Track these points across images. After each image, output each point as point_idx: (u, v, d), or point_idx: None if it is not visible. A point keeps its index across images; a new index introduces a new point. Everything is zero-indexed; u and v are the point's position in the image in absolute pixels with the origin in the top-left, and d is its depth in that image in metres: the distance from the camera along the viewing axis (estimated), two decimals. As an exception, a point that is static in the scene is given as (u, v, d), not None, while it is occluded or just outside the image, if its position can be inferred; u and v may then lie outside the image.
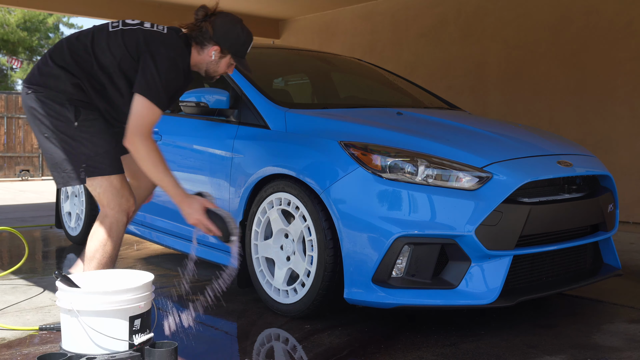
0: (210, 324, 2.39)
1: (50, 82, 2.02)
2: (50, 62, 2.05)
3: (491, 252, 2.13)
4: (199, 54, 2.13)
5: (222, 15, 2.14)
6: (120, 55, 2.03)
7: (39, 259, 3.71)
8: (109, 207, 2.06)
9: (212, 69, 2.17)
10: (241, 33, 2.15)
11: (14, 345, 2.12)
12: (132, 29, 2.07)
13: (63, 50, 2.06)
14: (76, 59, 2.03)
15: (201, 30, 2.10)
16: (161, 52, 1.99)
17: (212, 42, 2.11)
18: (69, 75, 2.02)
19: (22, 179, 12.39)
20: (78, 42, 2.07)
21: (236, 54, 2.15)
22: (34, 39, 24.14)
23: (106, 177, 2.03)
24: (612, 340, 2.19)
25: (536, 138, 2.66)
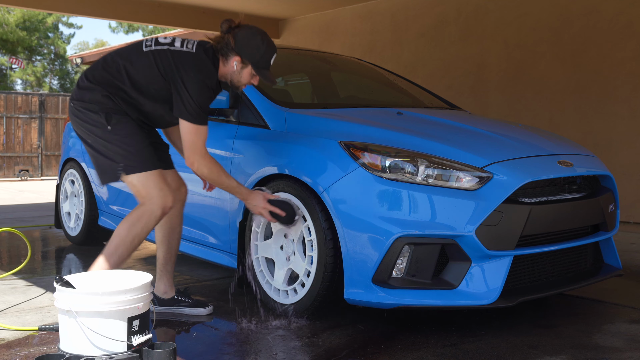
0: (210, 324, 2.39)
1: (86, 95, 2.21)
2: (85, 79, 2.24)
3: (491, 252, 2.13)
4: (224, 65, 2.24)
5: (244, 27, 2.24)
6: (151, 75, 2.18)
7: (38, 260, 3.70)
8: (146, 200, 2.17)
9: (236, 80, 2.27)
10: (261, 44, 2.22)
11: (13, 345, 2.12)
12: (162, 50, 2.20)
13: (98, 68, 2.24)
14: (109, 77, 2.20)
15: (225, 42, 2.21)
16: (191, 76, 2.13)
17: (234, 53, 2.21)
18: (101, 89, 2.20)
19: (22, 179, 12.38)
20: (113, 62, 2.23)
21: (256, 64, 2.23)
22: (33, 39, 24.15)
23: (142, 174, 2.16)
24: (613, 341, 2.19)
25: (536, 138, 2.66)
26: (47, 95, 12.99)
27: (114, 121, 2.17)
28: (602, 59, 5.10)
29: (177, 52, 2.18)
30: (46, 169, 12.90)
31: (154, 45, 2.22)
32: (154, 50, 2.20)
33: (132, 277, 1.94)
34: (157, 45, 2.22)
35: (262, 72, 2.24)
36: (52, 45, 25.97)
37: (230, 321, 2.42)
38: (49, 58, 26.85)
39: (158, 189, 2.17)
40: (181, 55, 2.18)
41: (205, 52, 2.21)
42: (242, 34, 2.21)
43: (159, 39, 2.27)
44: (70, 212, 4.13)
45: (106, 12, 6.67)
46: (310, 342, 2.16)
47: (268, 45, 2.24)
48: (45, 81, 27.25)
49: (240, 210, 2.64)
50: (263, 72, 2.24)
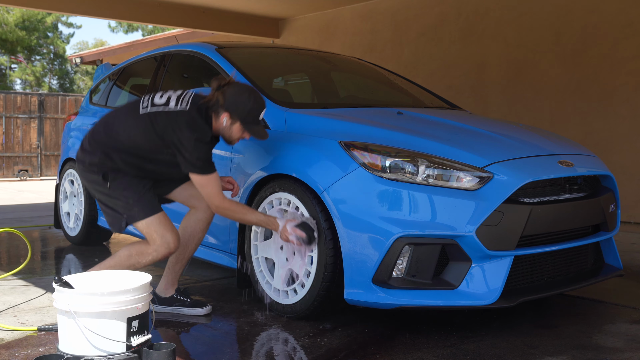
0: (210, 325, 2.39)
1: (86, 158, 2.34)
2: (87, 142, 2.37)
3: (492, 253, 2.12)
4: (216, 121, 2.32)
5: (233, 84, 2.33)
6: (149, 138, 2.28)
7: (37, 260, 3.70)
8: (153, 242, 2.30)
9: (227, 135, 2.35)
10: (248, 101, 2.29)
11: (12, 346, 2.11)
12: (158, 112, 2.28)
13: (99, 131, 2.36)
14: (109, 141, 2.31)
15: (216, 99, 2.30)
16: (186, 136, 2.22)
17: (223, 110, 2.29)
18: (100, 152, 2.31)
19: (21, 179, 12.37)
20: (112, 125, 2.33)
21: (244, 120, 2.30)
22: (32, 38, 24.13)
23: (142, 221, 2.28)
24: (614, 341, 2.18)
25: (537, 138, 2.65)
26: (46, 95, 12.98)
27: (111, 178, 2.29)
28: (603, 58, 5.09)
29: (173, 113, 2.26)
30: (45, 169, 12.89)
31: (150, 107, 2.30)
32: (150, 113, 2.28)
33: (132, 277, 1.93)
34: (153, 107, 2.30)
35: (251, 127, 2.31)
36: (51, 45, 25.97)
37: (229, 321, 2.41)
38: (48, 58, 26.84)
39: (160, 235, 2.28)
40: (177, 116, 2.25)
41: (198, 109, 2.28)
42: (231, 91, 2.30)
43: (154, 99, 2.34)
44: (69, 212, 4.13)
45: (105, 12, 6.66)
46: (310, 342, 2.16)
47: (255, 101, 2.30)
48: (45, 81, 27.24)
49: (240, 210, 2.63)
50: (252, 127, 2.31)
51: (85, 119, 4.09)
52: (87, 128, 3.99)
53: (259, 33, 7.73)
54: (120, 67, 4.09)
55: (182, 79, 3.58)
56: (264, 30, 7.77)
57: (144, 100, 2.35)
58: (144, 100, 2.35)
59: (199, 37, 8.73)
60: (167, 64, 3.49)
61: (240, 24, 7.47)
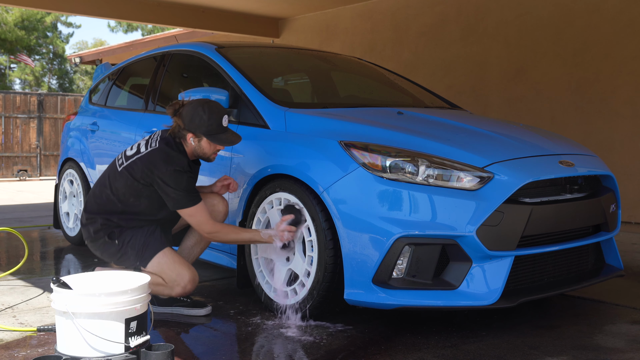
0: (209, 325, 2.38)
1: (90, 229, 2.42)
2: (84, 217, 2.45)
3: (492, 253, 2.12)
4: (187, 146, 2.38)
5: (187, 105, 2.38)
6: (135, 189, 2.35)
7: (37, 260, 3.69)
8: (167, 281, 2.39)
9: (201, 153, 2.40)
10: (203, 114, 2.32)
11: (11, 346, 2.11)
12: (132, 162, 2.36)
13: (91, 202, 2.44)
14: (104, 207, 2.40)
15: (177, 125, 2.36)
16: (163, 171, 2.29)
17: (186, 131, 2.35)
18: (99, 218, 2.40)
19: (20, 179, 12.35)
20: (101, 193, 2.42)
21: (207, 133, 2.33)
22: (31, 38, 24.10)
23: (154, 260, 2.37)
24: (614, 342, 2.18)
25: (538, 138, 2.64)
26: (45, 95, 12.97)
27: (117, 235, 2.38)
28: (604, 58, 5.08)
29: (144, 156, 2.33)
30: (45, 169, 12.88)
31: (125, 161, 2.38)
32: (126, 166, 2.36)
33: (130, 278, 1.92)
34: (127, 160, 2.38)
35: (217, 137, 2.34)
36: (50, 44, 25.95)
37: (229, 322, 2.41)
38: (48, 57, 26.82)
39: (175, 273, 2.36)
40: (149, 156, 2.32)
41: (167, 142, 2.34)
42: (186, 111, 2.34)
43: (126, 152, 2.42)
44: (69, 212, 4.12)
45: (105, 12, 6.65)
46: (310, 342, 2.15)
47: (211, 112, 2.34)
48: (44, 81, 27.23)
49: (240, 211, 2.63)
50: (218, 137, 2.34)
51: (84, 119, 4.08)
52: (86, 128, 3.99)
53: (259, 33, 7.72)
54: (120, 66, 4.09)
55: (181, 78, 3.58)
56: (264, 30, 7.76)
57: (118, 159, 2.44)
58: (119, 158, 2.43)
59: (199, 36, 8.72)
60: (166, 63, 3.49)
61: (240, 23, 7.46)
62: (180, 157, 2.33)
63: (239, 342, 2.18)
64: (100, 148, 3.76)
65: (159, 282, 2.37)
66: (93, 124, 3.90)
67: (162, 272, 2.37)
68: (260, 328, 2.32)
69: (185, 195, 2.29)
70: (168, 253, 2.39)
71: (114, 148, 3.61)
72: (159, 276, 2.37)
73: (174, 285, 2.37)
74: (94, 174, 3.81)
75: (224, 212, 2.56)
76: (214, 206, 2.53)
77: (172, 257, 2.39)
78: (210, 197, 2.55)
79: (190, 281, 2.39)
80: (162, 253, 2.37)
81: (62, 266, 3.60)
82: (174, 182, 2.27)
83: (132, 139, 3.40)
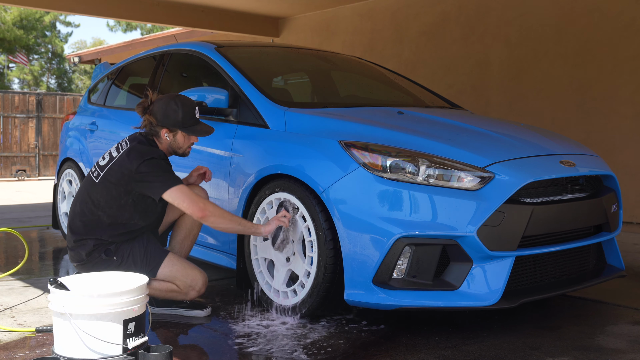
0: (208, 326, 2.37)
1: (81, 253, 2.33)
2: (72, 241, 2.36)
3: (493, 253, 2.11)
4: (161, 143, 2.37)
5: (156, 101, 2.37)
6: (118, 195, 2.28)
7: (36, 260, 3.68)
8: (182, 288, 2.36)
9: (176, 147, 2.39)
10: (177, 108, 2.33)
11: (10, 347, 2.10)
12: (109, 169, 2.30)
13: (77, 224, 2.35)
14: (91, 226, 2.32)
15: (149, 122, 2.34)
16: (139, 164, 2.23)
17: (160, 127, 2.34)
18: (90, 239, 2.32)
19: (19, 179, 12.34)
20: (83, 209, 2.33)
21: (182, 126, 2.33)
22: (30, 37, 24.06)
23: (162, 267, 2.34)
24: (616, 342, 2.17)
25: (539, 137, 2.63)
26: (44, 95, 12.95)
27: (113, 251, 2.32)
28: (605, 57, 5.06)
29: (119, 160, 2.29)
30: (43, 169, 12.87)
31: (100, 172, 2.33)
32: (103, 176, 2.31)
33: (128, 278, 1.91)
34: (103, 170, 2.33)
35: (192, 129, 2.35)
36: (49, 44, 25.91)
37: (228, 323, 2.40)
38: (47, 57, 26.77)
39: (190, 278, 2.34)
40: (122, 159, 2.28)
41: (139, 141, 2.33)
42: (157, 108, 2.34)
43: (99, 162, 2.38)
44: (68, 212, 4.11)
45: (104, 11, 6.63)
46: (309, 343, 2.15)
47: (183, 104, 2.34)
48: (43, 80, 27.20)
49: (240, 211, 2.62)
50: (193, 129, 2.35)
51: (83, 119, 4.07)
52: (85, 128, 3.97)
53: (259, 32, 7.70)
54: (119, 66, 4.07)
55: (181, 78, 3.56)
56: (264, 29, 7.74)
57: (92, 171, 2.39)
58: (93, 171, 2.38)
59: (198, 36, 8.71)
60: (166, 63, 3.47)
61: (240, 23, 7.45)
62: (155, 149, 2.31)
63: (238, 343, 2.17)
64: (99, 148, 3.75)
65: (172, 289, 2.35)
66: (92, 124, 3.89)
67: (175, 279, 2.34)
68: (259, 329, 2.31)
69: (168, 178, 2.24)
70: (174, 259, 2.36)
71: (113, 148, 3.60)
72: (172, 283, 2.35)
73: (188, 290, 2.36)
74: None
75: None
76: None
77: (181, 262, 2.36)
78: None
79: (204, 284, 2.39)
80: (168, 260, 2.34)
81: (61, 267, 3.58)
82: (152, 170, 2.23)
83: (131, 138, 3.38)
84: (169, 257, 2.35)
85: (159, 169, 2.25)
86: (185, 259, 2.42)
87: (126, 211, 2.30)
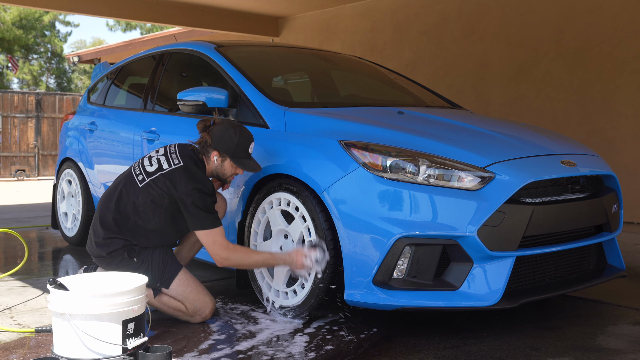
0: (208, 326, 2.36)
1: (104, 251, 2.33)
2: (101, 233, 2.34)
3: (494, 253, 2.10)
4: (208, 163, 2.39)
5: (219, 123, 2.39)
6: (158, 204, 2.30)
7: (35, 260, 3.67)
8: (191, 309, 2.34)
9: (221, 173, 2.41)
10: (234, 136, 2.34)
11: (9, 347, 2.09)
12: (157, 179, 2.30)
13: (109, 219, 2.33)
14: (124, 224, 2.32)
15: (204, 141, 2.37)
16: (190, 189, 2.24)
17: (212, 149, 2.36)
18: (119, 239, 2.32)
19: (18, 178, 12.32)
20: (118, 208, 2.33)
21: (233, 155, 2.35)
22: (29, 37, 23.98)
23: (175, 282, 2.33)
24: (616, 343, 2.16)
25: (539, 137, 2.63)
26: (43, 94, 12.94)
27: (136, 252, 2.32)
28: (606, 57, 5.06)
29: (169, 174, 2.29)
30: (43, 169, 12.85)
31: (146, 177, 2.32)
32: (148, 183, 2.31)
33: (127, 279, 1.91)
34: (149, 176, 2.32)
35: (242, 161, 2.35)
36: (48, 43, 25.82)
37: (228, 323, 2.39)
38: (46, 57, 26.68)
39: (201, 302, 2.32)
40: (173, 174, 2.28)
41: (191, 159, 2.33)
42: (217, 129, 2.35)
43: (145, 167, 2.35)
44: (67, 212, 4.10)
45: (104, 10, 6.62)
46: (309, 344, 2.14)
47: (241, 135, 2.35)
48: (42, 80, 27.11)
49: (239, 211, 2.62)
50: (242, 161, 2.35)
51: (83, 119, 4.06)
52: (84, 127, 3.97)
53: (259, 32, 7.69)
54: (119, 66, 4.07)
55: (180, 78, 3.56)
56: (264, 29, 7.73)
57: (135, 171, 2.37)
58: (137, 174, 2.35)
59: (198, 35, 8.70)
60: (165, 62, 3.47)
61: (240, 22, 7.44)
62: (205, 177, 2.31)
63: (238, 343, 2.17)
64: (99, 148, 3.74)
65: (180, 309, 2.34)
66: (91, 124, 3.88)
67: (185, 300, 2.33)
68: (259, 329, 2.30)
69: (208, 216, 2.25)
70: (190, 279, 2.35)
71: (112, 148, 3.59)
72: (181, 303, 2.33)
73: (195, 314, 2.34)
74: (92, 174, 3.79)
75: (223, 210, 2.56)
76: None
77: (195, 285, 2.35)
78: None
79: (211, 311, 2.37)
80: (183, 277, 2.33)
81: (60, 267, 3.58)
82: (200, 202, 2.23)
83: (130, 138, 3.38)
84: (184, 274, 2.34)
85: (204, 203, 2.24)
86: (199, 282, 2.40)
87: (161, 221, 2.31)
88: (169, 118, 3.21)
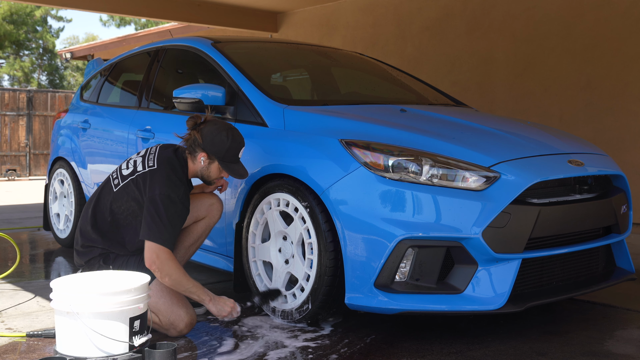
0: (206, 328, 2.33)
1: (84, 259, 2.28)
2: (80, 242, 2.30)
3: (499, 256, 2.07)
4: (193, 163, 2.30)
5: (210, 122, 2.29)
6: (132, 209, 2.22)
7: (26, 263, 3.62)
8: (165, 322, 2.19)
9: (205, 175, 2.32)
10: (226, 139, 2.25)
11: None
12: (131, 182, 2.23)
13: (87, 227, 2.27)
14: (101, 231, 2.26)
15: (193, 139, 2.27)
16: (157, 193, 2.15)
17: (200, 149, 2.26)
18: (98, 248, 2.27)
19: (9, 178, 12.25)
20: (95, 214, 2.27)
21: (223, 159, 2.27)
22: (20, 33, 23.80)
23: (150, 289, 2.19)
24: (625, 347, 2.14)
25: (546, 136, 2.60)
26: (35, 92, 12.86)
27: (112, 260, 2.26)
28: (615, 53, 4.99)
29: (142, 175, 2.21)
30: (34, 169, 12.80)
31: (121, 181, 2.26)
32: (122, 187, 2.24)
33: (132, 277, 1.93)
34: (124, 180, 2.25)
35: (230, 166, 2.27)
36: (40, 39, 25.59)
37: (226, 325, 2.36)
38: (37, 53, 26.43)
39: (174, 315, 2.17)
40: (147, 176, 2.20)
41: (168, 162, 2.23)
42: (208, 129, 2.26)
43: (122, 170, 2.30)
44: (59, 213, 4.05)
45: (97, 5, 6.56)
46: (309, 348, 2.11)
47: (234, 139, 2.27)
48: (34, 77, 26.95)
49: (237, 212, 2.57)
50: (231, 166, 2.28)
51: (75, 117, 4.01)
52: (77, 126, 3.92)
53: (257, 27, 7.63)
54: (112, 62, 4.02)
55: (176, 74, 3.52)
56: (262, 24, 7.67)
57: (113, 178, 2.31)
58: (114, 178, 2.30)
59: (194, 31, 8.64)
60: (160, 59, 3.43)
61: (237, 17, 7.37)
62: (179, 183, 2.20)
63: (237, 345, 2.13)
64: (92, 147, 3.69)
65: (154, 320, 2.17)
66: (84, 122, 3.83)
67: (158, 312, 2.16)
68: (258, 332, 2.27)
69: (162, 231, 2.11)
70: (164, 290, 2.18)
71: (106, 147, 3.55)
72: (154, 314, 2.17)
73: (169, 327, 2.18)
74: (85, 174, 3.74)
75: (220, 212, 2.49)
76: (212, 205, 2.46)
77: (170, 297, 2.18)
78: (205, 196, 2.47)
79: (187, 325, 2.19)
80: (155, 286, 2.18)
81: (53, 269, 3.53)
82: (162, 208, 2.12)
83: (125, 137, 3.34)
84: (158, 284, 2.19)
85: (168, 211, 2.12)
86: (177, 293, 2.21)
87: (136, 228, 2.22)
88: (164, 116, 3.17)
